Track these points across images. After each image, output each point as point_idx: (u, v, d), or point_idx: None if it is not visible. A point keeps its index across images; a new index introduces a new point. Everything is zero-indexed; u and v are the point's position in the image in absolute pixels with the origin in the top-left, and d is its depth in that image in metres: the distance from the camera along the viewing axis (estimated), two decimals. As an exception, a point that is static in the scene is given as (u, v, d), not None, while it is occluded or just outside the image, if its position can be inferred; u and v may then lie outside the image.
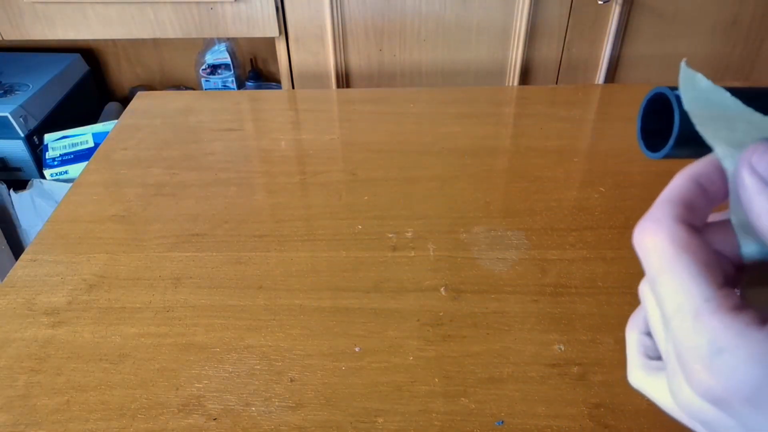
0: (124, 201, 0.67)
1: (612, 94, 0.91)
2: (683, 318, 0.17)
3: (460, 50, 1.18)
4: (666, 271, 0.18)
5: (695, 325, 0.17)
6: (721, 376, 0.16)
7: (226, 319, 0.52)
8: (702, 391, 0.17)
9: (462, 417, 0.44)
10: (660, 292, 0.18)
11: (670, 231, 0.18)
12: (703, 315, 0.17)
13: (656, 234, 0.19)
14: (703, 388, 0.17)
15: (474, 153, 0.74)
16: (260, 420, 0.44)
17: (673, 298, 0.18)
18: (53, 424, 0.44)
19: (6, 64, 1.32)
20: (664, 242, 0.18)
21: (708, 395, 0.17)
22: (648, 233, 0.19)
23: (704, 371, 0.16)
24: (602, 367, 0.47)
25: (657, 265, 0.18)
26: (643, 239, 0.19)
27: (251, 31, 1.14)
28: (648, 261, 0.19)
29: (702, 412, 0.18)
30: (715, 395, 0.16)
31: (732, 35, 1.18)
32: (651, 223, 0.19)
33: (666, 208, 0.19)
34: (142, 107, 0.88)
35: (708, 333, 0.16)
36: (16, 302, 0.54)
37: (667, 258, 0.18)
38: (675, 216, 0.19)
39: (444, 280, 0.55)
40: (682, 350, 0.17)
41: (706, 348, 0.16)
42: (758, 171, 0.17)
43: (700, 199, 0.19)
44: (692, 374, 0.17)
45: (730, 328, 0.16)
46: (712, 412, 0.17)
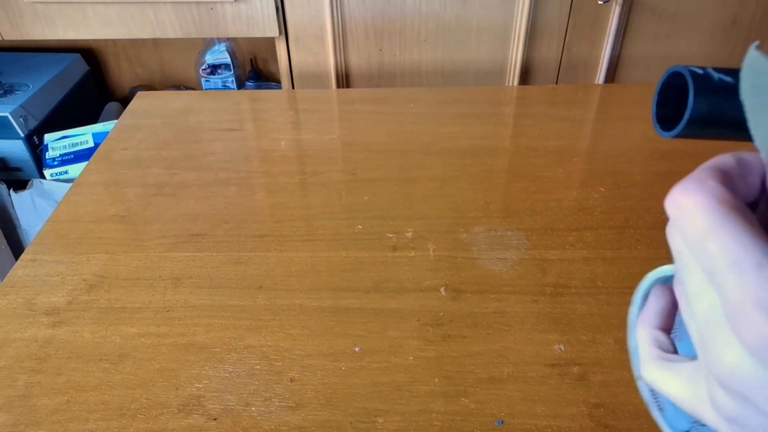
0: (124, 201, 0.67)
1: (612, 94, 0.91)
2: (742, 271, 0.17)
3: (460, 50, 1.18)
4: (716, 228, 0.18)
5: (758, 276, 0.17)
6: None
7: (226, 319, 0.52)
8: (760, 343, 0.16)
9: (462, 417, 0.44)
10: (711, 249, 0.18)
11: (716, 191, 0.18)
12: (765, 266, 0.17)
13: (701, 194, 0.18)
14: (760, 341, 0.16)
15: (474, 153, 0.74)
16: (260, 420, 0.44)
17: (727, 253, 0.17)
18: (53, 424, 0.44)
19: (6, 64, 1.32)
20: (711, 201, 0.18)
21: (764, 349, 0.16)
22: (691, 193, 0.19)
23: (764, 324, 0.16)
24: (602, 367, 0.47)
25: (703, 223, 0.18)
26: (686, 199, 0.19)
27: (251, 31, 1.14)
28: (691, 220, 0.18)
29: (747, 375, 0.17)
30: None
31: (732, 35, 1.18)
32: (694, 183, 0.19)
33: (709, 171, 0.19)
34: (142, 107, 0.88)
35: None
36: (16, 302, 0.54)
37: (715, 215, 0.18)
38: (717, 178, 0.19)
39: (444, 280, 0.55)
40: (740, 304, 0.17)
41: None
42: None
43: (739, 177, 0.20)
44: (749, 327, 0.17)
45: None
46: (758, 374, 0.17)
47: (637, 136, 0.76)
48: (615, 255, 0.57)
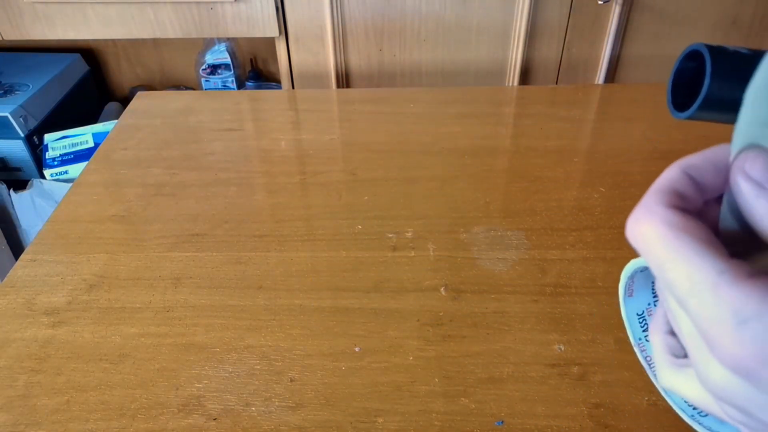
0: (124, 201, 0.67)
1: (612, 94, 0.91)
2: (701, 295, 0.17)
3: (460, 50, 1.18)
4: (671, 255, 0.18)
5: (715, 298, 0.17)
6: (749, 345, 0.16)
7: (226, 319, 0.52)
8: (733, 364, 0.16)
9: (462, 417, 0.44)
10: (670, 278, 0.18)
11: (664, 217, 0.18)
12: (721, 287, 0.17)
13: (650, 222, 0.19)
14: (733, 360, 0.16)
15: (474, 153, 0.74)
16: (260, 420, 0.44)
17: (685, 279, 0.17)
18: (53, 424, 0.44)
19: (6, 64, 1.32)
20: (660, 228, 0.18)
21: (739, 367, 0.16)
22: (642, 222, 0.19)
23: (732, 343, 0.16)
24: (602, 367, 0.47)
25: (659, 251, 0.18)
26: (639, 229, 0.19)
27: (251, 31, 1.14)
28: (649, 250, 0.19)
29: (734, 391, 0.17)
30: (747, 366, 0.16)
31: (732, 35, 1.18)
32: (643, 212, 0.19)
33: (656, 197, 0.19)
34: (142, 107, 0.88)
35: (730, 304, 0.16)
36: (16, 302, 0.54)
37: (668, 242, 0.18)
38: (666, 203, 0.19)
39: (444, 280, 0.55)
40: (706, 327, 0.17)
41: (730, 320, 0.16)
42: (753, 177, 0.18)
43: (691, 190, 0.19)
44: (720, 349, 0.17)
45: (751, 296, 0.16)
46: (745, 390, 0.17)
47: (637, 136, 0.76)
48: (615, 255, 0.57)
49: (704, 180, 0.20)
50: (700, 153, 0.20)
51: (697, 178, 0.20)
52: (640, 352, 0.27)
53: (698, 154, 0.20)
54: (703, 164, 0.20)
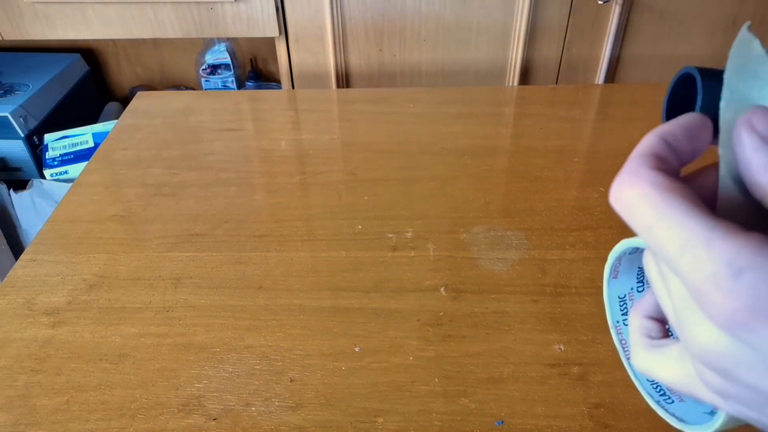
0: (124, 201, 0.67)
1: (612, 94, 0.91)
2: (694, 250, 0.17)
3: (460, 50, 1.18)
4: (660, 216, 0.18)
5: (708, 253, 0.16)
6: (744, 295, 0.16)
7: (226, 319, 0.52)
8: (726, 318, 0.16)
9: (462, 417, 0.44)
10: (659, 238, 0.18)
11: (650, 179, 0.18)
12: (714, 241, 0.16)
13: (637, 185, 0.19)
14: (727, 313, 0.16)
15: (474, 153, 0.74)
16: (260, 420, 0.44)
17: (675, 238, 0.17)
18: (53, 424, 0.44)
19: (6, 64, 1.32)
20: (647, 190, 0.18)
21: (733, 321, 0.16)
22: (627, 186, 0.19)
23: (727, 295, 0.16)
24: (602, 367, 0.47)
25: (647, 213, 0.18)
26: (624, 193, 0.19)
27: (251, 31, 1.14)
28: (635, 214, 0.19)
29: (723, 352, 0.17)
30: (740, 319, 0.16)
31: (732, 35, 1.18)
32: (629, 176, 0.19)
33: (639, 160, 0.19)
34: (142, 107, 0.88)
35: (724, 256, 0.16)
36: (16, 302, 0.54)
37: (656, 203, 0.18)
38: (651, 166, 0.19)
39: (444, 280, 0.55)
40: (699, 283, 0.17)
41: (724, 271, 0.16)
42: (757, 129, 0.18)
43: (669, 153, 0.20)
44: (713, 304, 0.16)
45: (744, 247, 0.16)
46: (734, 349, 0.17)
47: (637, 136, 0.76)
48: (615, 255, 0.57)
49: (680, 145, 0.20)
50: (673, 120, 0.20)
51: (673, 143, 0.20)
52: (616, 334, 0.28)
53: (672, 122, 0.20)
54: (677, 130, 0.20)
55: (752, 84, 0.19)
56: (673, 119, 0.21)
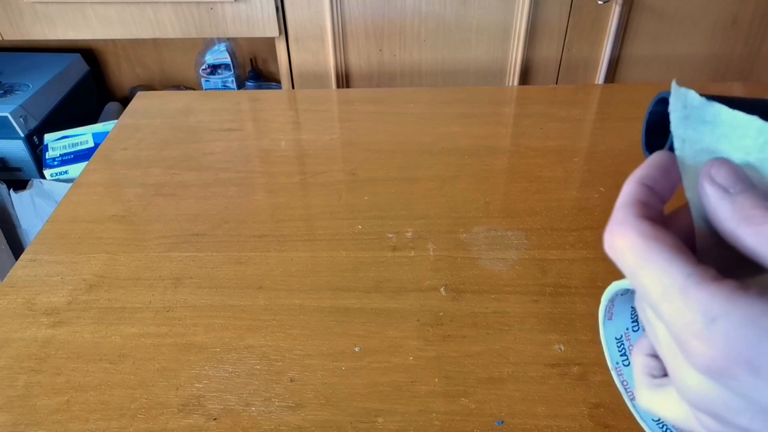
0: (124, 201, 0.67)
1: (612, 94, 0.91)
2: (671, 299, 0.18)
3: (460, 50, 1.18)
4: (643, 263, 0.19)
5: (684, 301, 0.17)
6: (719, 342, 0.16)
7: (226, 319, 0.52)
8: (705, 365, 0.17)
9: (462, 417, 0.44)
10: (643, 284, 0.19)
11: (635, 227, 0.19)
12: (688, 289, 0.17)
13: (624, 234, 0.20)
14: (706, 361, 0.17)
15: (474, 153, 0.74)
16: (260, 420, 0.44)
17: (656, 285, 0.18)
18: (53, 424, 0.44)
19: (6, 64, 1.32)
20: (633, 238, 0.19)
21: (712, 368, 0.17)
22: (616, 235, 0.20)
23: (703, 343, 0.17)
24: (602, 367, 0.47)
25: (633, 261, 0.19)
26: (614, 242, 0.20)
27: (251, 31, 1.14)
28: (624, 261, 0.20)
29: (710, 398, 0.18)
30: (719, 366, 0.17)
31: (732, 35, 1.18)
32: (616, 227, 0.20)
33: (626, 209, 0.20)
34: (142, 107, 0.88)
35: (698, 305, 0.17)
36: (16, 302, 0.54)
37: (640, 251, 0.19)
38: (635, 214, 0.20)
39: (444, 280, 0.55)
40: (678, 330, 0.18)
41: (700, 320, 0.17)
42: (717, 181, 0.19)
43: (651, 197, 0.21)
44: (692, 351, 0.17)
45: (717, 296, 0.17)
46: (720, 395, 0.17)
47: (637, 136, 0.76)
48: (615, 255, 0.57)
49: (659, 186, 0.21)
50: (644, 164, 0.22)
51: (653, 186, 0.21)
52: (617, 376, 0.28)
53: (644, 165, 0.22)
54: (653, 172, 0.21)
55: (703, 130, 0.20)
56: (645, 162, 0.22)
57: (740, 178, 0.19)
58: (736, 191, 0.19)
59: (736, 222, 0.19)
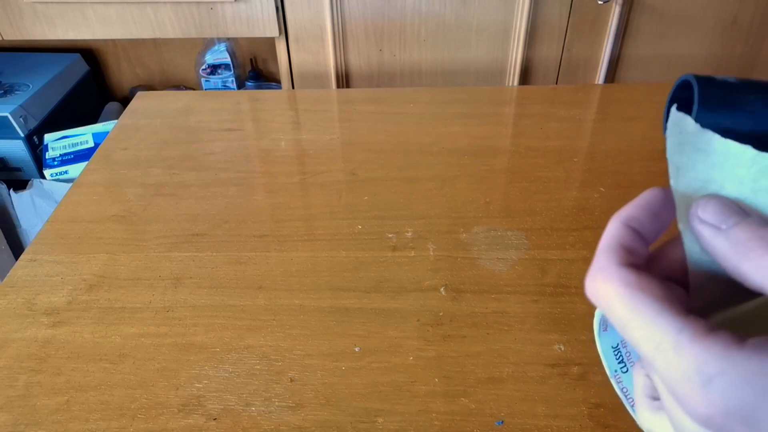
0: (124, 201, 0.67)
1: (612, 94, 0.91)
2: (664, 354, 0.18)
3: (460, 50, 1.18)
4: (631, 316, 0.18)
5: (678, 357, 0.17)
6: (717, 402, 0.16)
7: (226, 319, 0.52)
8: (704, 420, 0.17)
9: (462, 417, 0.44)
10: (634, 338, 0.18)
11: (618, 275, 0.19)
12: (682, 345, 0.17)
13: (606, 281, 0.19)
14: (703, 418, 0.17)
15: (474, 153, 0.74)
16: (260, 420, 0.44)
17: (647, 339, 0.18)
18: (53, 424, 0.44)
19: (6, 64, 1.32)
20: (616, 287, 0.19)
21: (710, 423, 0.17)
22: (598, 282, 0.20)
23: (701, 401, 0.17)
24: (602, 367, 0.47)
25: (620, 312, 0.19)
26: (596, 289, 0.20)
27: (251, 31, 1.14)
28: (610, 310, 0.19)
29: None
30: (717, 422, 0.17)
31: (732, 35, 1.18)
32: (598, 272, 0.20)
33: (607, 255, 0.20)
34: (142, 107, 0.88)
35: (693, 363, 0.17)
36: (16, 302, 0.54)
37: (627, 303, 0.19)
38: (617, 261, 0.19)
39: (444, 280, 0.55)
40: (674, 385, 0.17)
41: (696, 378, 0.17)
42: (707, 220, 0.19)
43: (635, 241, 0.20)
44: (689, 405, 0.17)
45: (712, 352, 0.17)
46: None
47: (637, 136, 0.76)
48: (615, 255, 0.57)
49: (645, 229, 0.21)
50: (634, 203, 0.21)
51: (638, 228, 0.20)
52: (616, 383, 0.28)
53: (633, 205, 0.21)
54: (640, 213, 0.21)
55: (696, 158, 0.19)
56: (634, 201, 0.21)
57: (731, 211, 0.19)
58: (729, 226, 0.18)
59: (736, 259, 0.18)
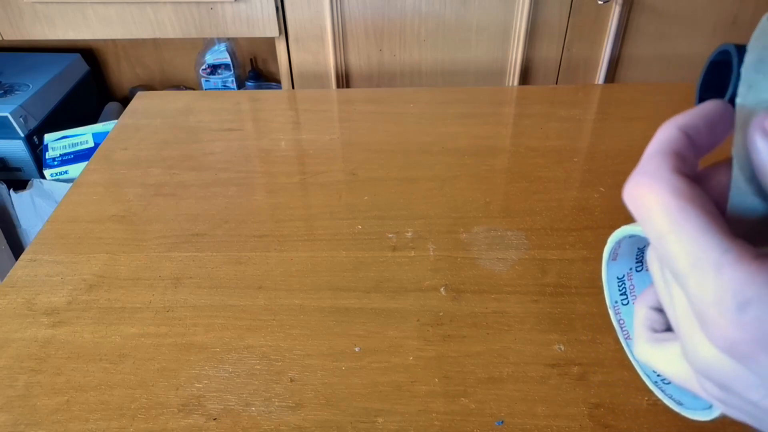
0: (124, 201, 0.67)
1: (612, 94, 0.91)
2: (703, 272, 0.16)
3: (460, 50, 1.18)
4: (675, 227, 0.17)
5: (717, 279, 0.16)
6: (748, 328, 0.15)
7: (226, 319, 0.52)
8: (727, 345, 0.16)
9: (462, 417, 0.44)
10: (670, 250, 0.17)
11: (670, 183, 0.17)
12: (725, 267, 0.16)
13: (655, 189, 0.18)
14: (729, 342, 0.16)
15: (474, 153, 0.74)
16: (260, 420, 0.44)
17: (687, 254, 0.17)
18: (53, 424, 0.44)
19: (6, 64, 1.32)
20: (665, 196, 0.17)
21: (734, 349, 0.16)
22: (645, 188, 0.18)
23: (730, 325, 0.16)
24: (602, 367, 0.47)
25: (662, 221, 0.17)
26: (641, 195, 0.18)
27: (251, 31, 1.14)
28: (650, 219, 0.18)
29: (723, 370, 0.17)
30: (742, 349, 0.16)
31: (732, 35, 1.18)
32: (647, 178, 0.18)
33: (660, 159, 0.18)
34: (142, 107, 0.88)
35: (732, 285, 0.16)
36: (16, 302, 0.54)
37: (673, 213, 0.17)
38: (671, 167, 0.18)
39: (444, 280, 0.55)
40: (704, 306, 0.16)
41: (731, 301, 0.16)
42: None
43: (689, 150, 0.19)
44: (716, 330, 0.16)
45: (755, 278, 0.15)
46: (734, 369, 0.17)
47: (637, 136, 0.76)
48: (615, 255, 0.57)
49: (700, 138, 0.19)
50: (693, 110, 0.19)
51: (694, 136, 0.19)
52: (614, 314, 0.27)
53: (692, 112, 0.19)
54: (698, 122, 0.19)
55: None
56: (691, 110, 0.19)
57: None
58: None
59: None
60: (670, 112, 0.20)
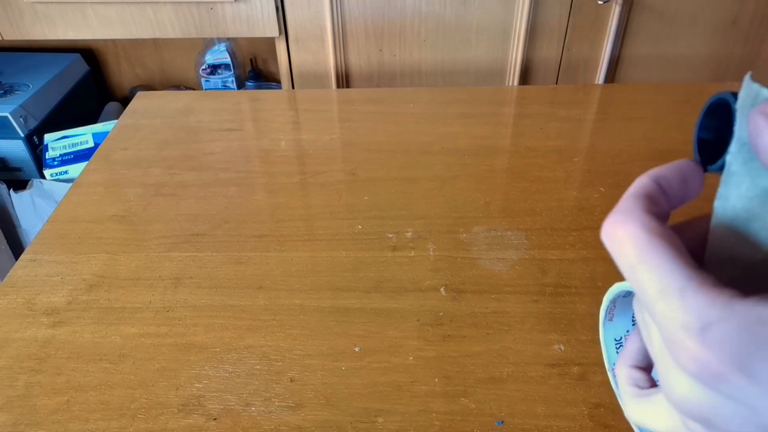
0: (124, 201, 0.67)
1: (612, 94, 0.91)
2: (668, 299, 0.17)
3: (460, 50, 1.18)
4: (644, 258, 0.18)
5: (682, 303, 0.17)
6: (713, 347, 0.16)
7: (226, 319, 0.52)
8: (698, 369, 0.17)
9: (462, 417, 0.44)
10: (640, 280, 0.18)
11: (640, 220, 0.19)
12: (688, 292, 0.17)
13: (627, 224, 0.19)
14: (698, 364, 0.17)
15: (474, 153, 0.74)
16: (260, 420, 0.44)
17: (654, 282, 0.18)
18: (53, 424, 0.44)
19: (6, 64, 1.32)
20: (636, 231, 0.19)
21: (704, 372, 0.17)
22: (619, 225, 0.19)
23: (697, 346, 0.17)
24: (602, 367, 0.47)
25: (633, 254, 0.19)
26: (615, 231, 0.20)
27: (251, 31, 1.14)
28: (622, 252, 0.19)
29: (699, 402, 0.18)
30: (712, 369, 0.16)
31: (732, 35, 1.18)
32: (621, 215, 0.20)
33: (633, 201, 0.20)
34: (142, 107, 0.88)
35: (695, 308, 0.17)
36: (16, 302, 0.54)
37: (643, 245, 0.18)
38: (642, 207, 0.19)
39: (444, 280, 0.55)
40: (671, 332, 0.17)
41: (695, 323, 0.17)
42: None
43: (661, 198, 0.20)
44: (684, 353, 0.17)
45: (715, 302, 0.17)
46: (710, 401, 0.17)
47: (637, 136, 0.76)
48: (615, 255, 0.57)
49: (672, 190, 0.21)
50: (667, 165, 0.21)
51: (665, 187, 0.21)
52: (613, 377, 0.27)
53: (666, 166, 0.21)
54: (671, 175, 0.21)
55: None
56: (666, 164, 0.21)
57: None
58: None
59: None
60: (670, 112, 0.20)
